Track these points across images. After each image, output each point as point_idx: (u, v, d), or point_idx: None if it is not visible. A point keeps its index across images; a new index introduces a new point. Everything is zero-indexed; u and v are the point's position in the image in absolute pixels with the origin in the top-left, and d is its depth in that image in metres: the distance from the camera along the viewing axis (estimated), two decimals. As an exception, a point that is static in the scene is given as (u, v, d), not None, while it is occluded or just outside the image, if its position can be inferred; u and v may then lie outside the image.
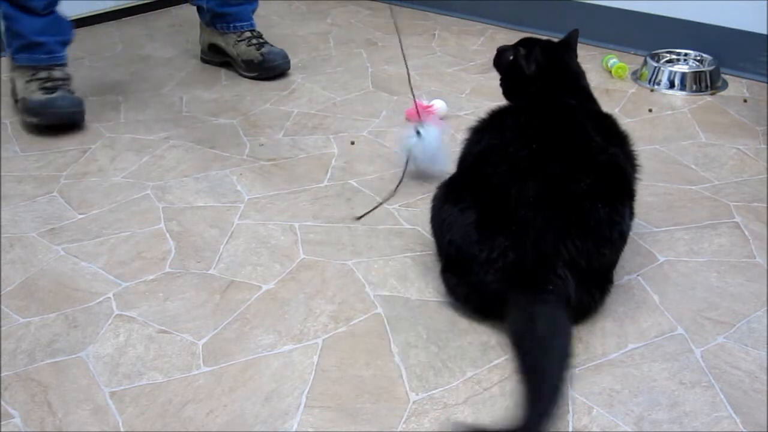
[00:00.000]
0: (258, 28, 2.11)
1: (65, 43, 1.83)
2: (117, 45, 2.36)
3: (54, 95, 1.74)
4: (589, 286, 1.08)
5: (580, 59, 1.33)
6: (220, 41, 2.11)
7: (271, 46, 2.08)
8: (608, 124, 1.22)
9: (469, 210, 1.09)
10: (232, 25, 2.08)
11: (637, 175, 1.19)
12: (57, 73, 1.79)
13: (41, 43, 1.78)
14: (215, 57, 2.14)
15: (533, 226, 1.04)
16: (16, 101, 1.82)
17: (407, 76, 1.54)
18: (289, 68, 2.09)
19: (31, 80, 1.77)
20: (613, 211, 1.08)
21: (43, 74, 1.77)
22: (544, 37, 1.37)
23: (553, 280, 1.03)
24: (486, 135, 1.20)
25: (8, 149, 1.70)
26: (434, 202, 1.19)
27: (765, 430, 0.93)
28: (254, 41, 2.06)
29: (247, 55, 2.05)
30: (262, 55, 2.04)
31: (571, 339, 1.00)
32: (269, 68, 2.04)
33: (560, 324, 1.01)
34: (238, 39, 2.07)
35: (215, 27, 2.10)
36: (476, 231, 1.07)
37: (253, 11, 2.14)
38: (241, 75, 2.07)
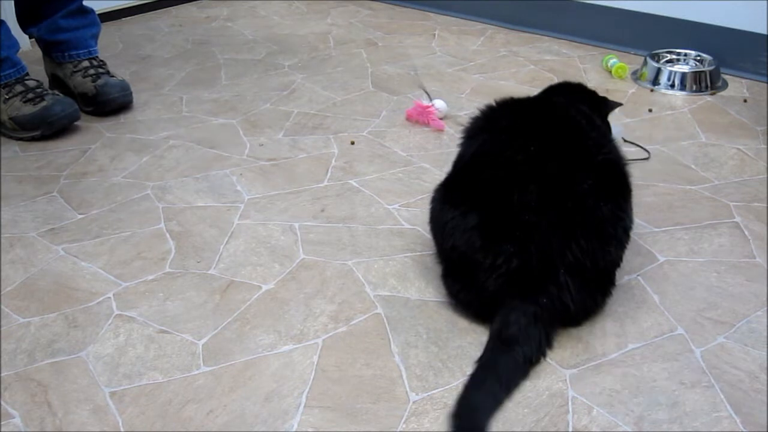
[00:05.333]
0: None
1: (17, 51, 1.77)
2: (117, 45, 2.37)
3: (45, 103, 1.71)
4: (591, 288, 1.07)
5: (580, 59, 1.33)
6: (59, 72, 1.89)
7: (111, 76, 1.86)
8: (599, 121, 1.22)
9: (471, 214, 1.08)
10: (66, 54, 1.86)
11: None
12: (31, 83, 1.75)
13: (4, 58, 1.72)
14: (60, 89, 1.87)
15: (538, 230, 1.04)
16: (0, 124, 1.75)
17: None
18: (130, 102, 1.88)
19: (10, 97, 1.72)
20: (617, 207, 1.08)
21: (19, 88, 1.73)
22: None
23: (551, 291, 1.03)
24: (481, 136, 1.19)
25: (8, 149, 1.70)
26: (433, 204, 1.18)
27: (765, 430, 0.93)
28: (91, 71, 1.84)
29: (82, 88, 1.83)
30: (96, 88, 1.82)
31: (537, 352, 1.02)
32: (104, 102, 1.82)
33: (529, 337, 1.02)
34: (74, 69, 1.85)
35: (51, 57, 1.89)
36: (480, 237, 1.06)
37: (95, 36, 1.91)
38: (83, 110, 1.83)
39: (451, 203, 1.12)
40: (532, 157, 1.09)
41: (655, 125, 1.76)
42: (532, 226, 1.04)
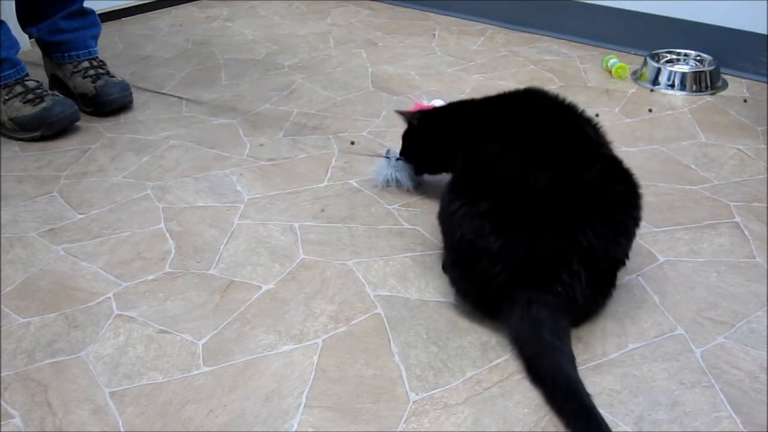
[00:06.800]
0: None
1: (17, 52, 1.78)
2: (117, 45, 2.37)
3: (45, 104, 1.71)
4: (596, 285, 1.06)
5: (580, 59, 1.33)
6: (59, 72, 1.89)
7: (111, 77, 1.86)
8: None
9: (481, 202, 1.06)
10: (66, 54, 1.86)
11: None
12: (31, 83, 1.75)
13: (4, 59, 1.72)
14: (60, 89, 1.87)
15: (551, 214, 1.02)
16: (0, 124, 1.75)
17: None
18: (129, 102, 1.88)
19: (10, 98, 1.72)
20: (629, 194, 1.08)
21: (19, 88, 1.73)
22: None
23: (564, 279, 1.01)
24: (484, 135, 1.20)
25: (8, 149, 1.70)
26: (443, 197, 1.16)
27: (765, 430, 0.93)
28: (91, 72, 1.85)
29: (82, 89, 1.84)
30: (96, 88, 1.82)
31: (570, 342, 1.02)
32: (103, 103, 1.83)
33: (563, 331, 1.01)
34: (74, 70, 1.85)
35: (51, 57, 1.89)
36: (489, 223, 1.04)
37: (95, 37, 1.92)
38: (83, 111, 1.83)
39: (461, 195, 1.11)
40: (540, 147, 1.09)
41: (655, 125, 1.76)
42: (544, 211, 1.02)
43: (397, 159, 1.47)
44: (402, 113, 1.42)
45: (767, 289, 1.18)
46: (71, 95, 1.84)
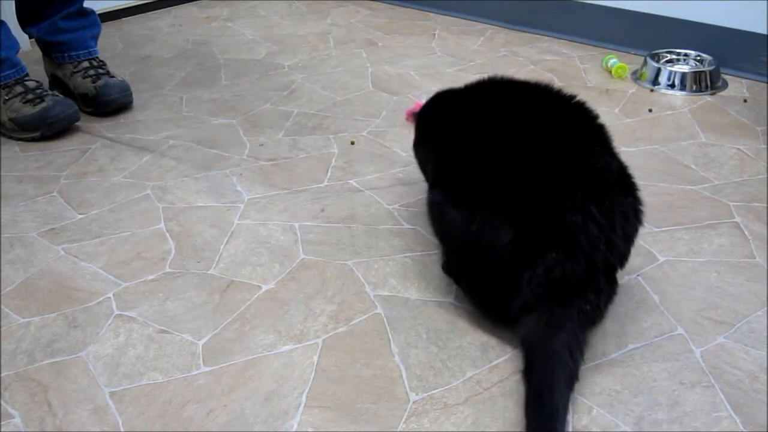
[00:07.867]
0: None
1: (17, 52, 1.78)
2: (117, 45, 2.37)
3: (44, 104, 1.71)
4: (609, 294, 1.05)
5: (580, 59, 1.33)
6: (59, 72, 1.90)
7: (111, 77, 1.86)
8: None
9: (503, 217, 0.99)
10: (66, 54, 1.86)
11: None
12: (31, 83, 1.75)
13: (4, 59, 1.72)
14: (60, 89, 1.87)
15: (585, 232, 0.96)
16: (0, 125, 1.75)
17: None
18: (129, 102, 1.89)
19: (10, 98, 1.72)
20: (637, 201, 1.05)
21: (18, 89, 1.73)
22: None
23: (590, 298, 0.99)
24: (474, 125, 1.11)
25: (8, 149, 1.70)
26: (437, 206, 1.10)
27: (765, 430, 0.93)
28: (91, 72, 1.85)
29: (82, 89, 1.84)
30: (96, 88, 1.82)
31: (582, 360, 0.99)
32: (103, 103, 1.83)
33: (577, 346, 0.98)
34: (74, 70, 1.86)
35: (51, 57, 1.90)
36: (518, 245, 0.97)
37: (95, 37, 1.92)
38: (83, 111, 1.84)
39: (469, 206, 1.03)
40: (552, 149, 1.03)
41: (655, 125, 1.76)
42: (578, 229, 0.97)
43: None
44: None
45: (767, 289, 1.18)
46: (71, 95, 1.84)
